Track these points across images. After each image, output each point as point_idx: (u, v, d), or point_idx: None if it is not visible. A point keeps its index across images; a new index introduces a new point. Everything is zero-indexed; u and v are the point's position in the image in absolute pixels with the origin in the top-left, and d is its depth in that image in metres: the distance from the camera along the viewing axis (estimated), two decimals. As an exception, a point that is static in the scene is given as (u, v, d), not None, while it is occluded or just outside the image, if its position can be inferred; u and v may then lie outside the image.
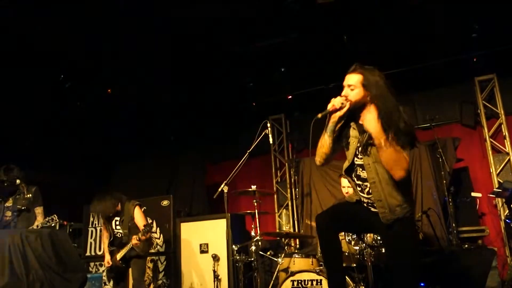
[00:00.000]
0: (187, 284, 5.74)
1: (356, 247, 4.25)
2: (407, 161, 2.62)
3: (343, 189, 4.69)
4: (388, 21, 5.15)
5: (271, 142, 4.34)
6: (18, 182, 5.11)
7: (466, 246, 5.50)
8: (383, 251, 4.17)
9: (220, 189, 4.19)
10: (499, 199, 5.76)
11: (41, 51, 5.27)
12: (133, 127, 7.37)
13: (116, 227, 4.89)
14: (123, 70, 5.87)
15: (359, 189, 2.86)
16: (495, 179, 5.95)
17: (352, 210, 2.92)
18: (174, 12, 4.77)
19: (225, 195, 4.21)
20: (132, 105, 6.87)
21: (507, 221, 5.53)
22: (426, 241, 5.10)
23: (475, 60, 5.93)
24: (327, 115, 2.79)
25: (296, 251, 5.70)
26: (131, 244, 4.63)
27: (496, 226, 5.87)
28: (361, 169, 2.82)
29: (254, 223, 4.93)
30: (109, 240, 4.98)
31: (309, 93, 6.54)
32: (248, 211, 5.14)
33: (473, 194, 5.66)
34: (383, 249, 4.14)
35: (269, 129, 4.23)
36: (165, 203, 6.22)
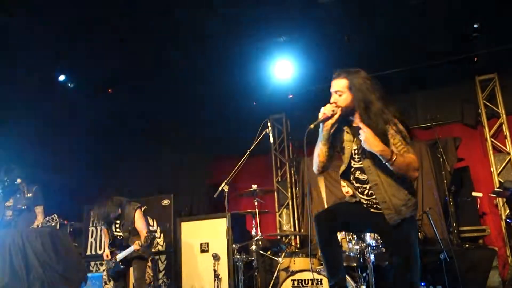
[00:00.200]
0: (188, 283, 5.73)
1: (356, 246, 4.25)
2: (417, 159, 2.61)
3: (343, 189, 4.67)
4: (389, 20, 5.14)
5: (271, 141, 4.33)
6: (18, 181, 5.13)
7: (466, 245, 5.50)
8: (383, 251, 4.16)
9: (220, 189, 4.18)
10: (500, 199, 5.75)
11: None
12: (134, 125, 7.37)
13: (116, 230, 4.89)
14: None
15: (359, 192, 2.85)
16: (496, 178, 5.94)
17: (351, 210, 2.90)
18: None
19: (226, 195, 4.20)
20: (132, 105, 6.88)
21: (508, 220, 5.52)
22: (427, 241, 5.09)
23: (476, 59, 5.91)
24: (320, 124, 2.78)
25: (296, 250, 5.70)
26: (132, 248, 4.63)
27: (497, 225, 5.86)
28: (359, 172, 2.81)
29: (254, 222, 4.92)
30: (109, 242, 4.99)
31: (310, 92, 6.52)
32: (248, 211, 5.14)
33: (474, 193, 5.65)
34: (383, 249, 4.13)
35: (270, 128, 4.21)
36: (165, 202, 6.22)
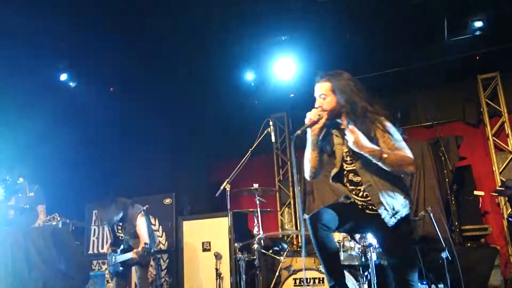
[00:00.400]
0: (189, 282, 5.74)
1: (358, 246, 4.25)
2: (409, 153, 2.56)
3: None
4: (390, 19, 5.13)
5: (273, 140, 4.33)
6: (20, 180, 5.14)
7: (468, 244, 5.50)
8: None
9: (222, 187, 4.18)
10: (501, 198, 5.74)
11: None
12: (137, 124, 7.37)
13: (118, 231, 4.94)
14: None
15: (354, 194, 2.82)
16: (498, 177, 5.93)
17: (346, 211, 2.83)
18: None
19: (227, 193, 4.20)
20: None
21: (510, 219, 5.52)
22: (428, 240, 5.08)
23: (478, 58, 5.90)
24: (307, 130, 2.76)
25: (298, 249, 5.70)
26: (130, 255, 4.65)
27: (498, 224, 5.86)
28: (352, 174, 2.78)
29: (256, 221, 4.92)
30: (111, 242, 5.03)
31: (311, 91, 6.50)
32: (250, 209, 5.14)
33: (476, 192, 5.64)
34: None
35: (272, 127, 4.21)
36: (167, 201, 6.22)
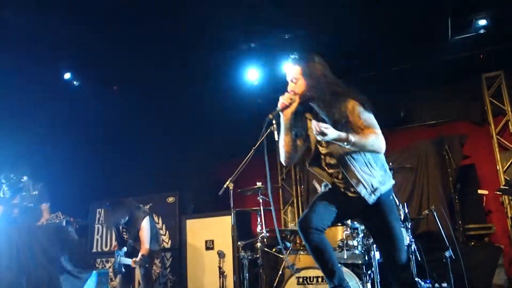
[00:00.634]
0: (193, 280, 5.76)
1: (361, 243, 4.24)
2: (379, 131, 2.52)
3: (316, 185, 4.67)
4: (392, 18, 5.13)
5: (276, 138, 4.32)
6: (25, 179, 5.16)
7: (472, 243, 5.49)
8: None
9: (225, 186, 4.19)
10: (505, 197, 5.72)
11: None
12: (140, 123, 7.39)
13: (123, 232, 5.00)
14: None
15: (333, 177, 2.78)
16: (502, 176, 5.90)
17: (329, 201, 2.78)
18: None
19: (231, 192, 4.21)
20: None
21: (514, 218, 5.50)
22: (432, 239, 5.07)
23: (482, 56, 5.88)
24: (280, 114, 2.73)
25: (301, 247, 5.69)
26: (130, 261, 4.70)
27: (502, 223, 5.83)
28: (329, 157, 2.75)
29: (259, 220, 4.93)
30: (116, 241, 5.11)
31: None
32: (253, 208, 5.15)
33: (480, 191, 5.63)
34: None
35: (275, 125, 4.20)
36: (171, 200, 6.24)
